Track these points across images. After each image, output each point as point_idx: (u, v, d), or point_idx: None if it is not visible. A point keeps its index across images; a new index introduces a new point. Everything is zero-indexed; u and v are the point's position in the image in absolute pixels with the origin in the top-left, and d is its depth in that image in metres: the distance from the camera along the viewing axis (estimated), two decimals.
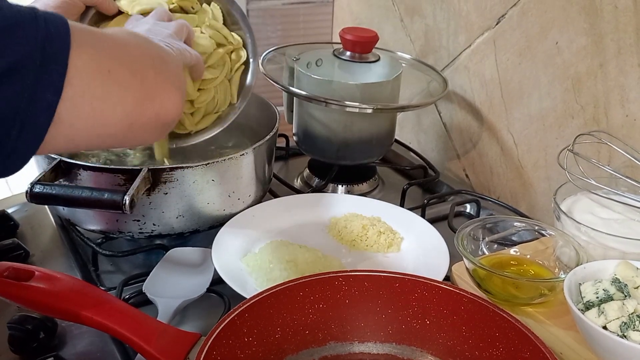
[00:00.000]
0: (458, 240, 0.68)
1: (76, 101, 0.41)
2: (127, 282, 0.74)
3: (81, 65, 0.40)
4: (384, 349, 0.60)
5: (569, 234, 0.70)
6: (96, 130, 0.44)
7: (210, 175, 0.77)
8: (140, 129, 0.47)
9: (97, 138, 0.45)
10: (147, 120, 0.47)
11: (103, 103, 0.43)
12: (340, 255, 0.79)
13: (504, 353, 0.54)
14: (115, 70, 0.43)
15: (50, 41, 0.39)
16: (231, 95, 0.84)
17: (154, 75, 0.48)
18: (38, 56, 0.38)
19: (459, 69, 1.05)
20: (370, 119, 0.96)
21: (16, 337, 0.64)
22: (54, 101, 0.39)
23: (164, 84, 0.49)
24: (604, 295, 0.58)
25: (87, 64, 0.41)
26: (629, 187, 0.73)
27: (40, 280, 0.60)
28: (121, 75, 0.44)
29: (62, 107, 0.40)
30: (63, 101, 0.40)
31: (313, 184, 1.02)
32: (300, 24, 1.36)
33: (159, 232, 0.78)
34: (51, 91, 0.39)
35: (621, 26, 0.78)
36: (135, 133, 0.47)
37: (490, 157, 1.03)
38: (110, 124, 0.44)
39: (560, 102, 0.88)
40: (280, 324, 0.57)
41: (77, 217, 0.80)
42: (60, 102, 0.39)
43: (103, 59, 0.43)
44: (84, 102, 0.41)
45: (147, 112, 0.47)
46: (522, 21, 0.91)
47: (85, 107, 0.41)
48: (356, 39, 0.96)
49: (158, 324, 0.58)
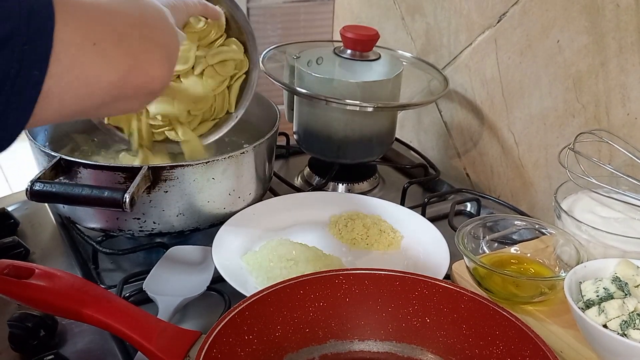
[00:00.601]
0: (458, 238, 0.68)
1: (63, 76, 0.40)
2: (127, 280, 0.74)
3: (67, 40, 0.40)
4: (384, 347, 0.60)
5: (569, 233, 0.70)
6: (83, 102, 0.44)
7: (211, 173, 0.76)
8: (126, 98, 0.47)
9: (83, 109, 0.45)
10: (133, 89, 0.47)
11: (89, 75, 0.42)
12: (341, 254, 0.78)
13: (504, 351, 0.54)
14: (100, 42, 0.43)
15: (35, 16, 0.38)
16: (229, 103, 0.84)
17: (140, 44, 0.47)
18: (23, 32, 0.37)
19: (459, 68, 1.05)
20: (370, 117, 0.96)
21: (16, 335, 0.64)
22: (41, 77, 0.39)
23: (151, 52, 0.48)
24: (604, 293, 0.58)
25: (72, 38, 0.40)
26: (629, 186, 0.73)
27: (41, 278, 0.60)
28: (106, 47, 0.43)
29: (49, 83, 0.39)
30: (50, 76, 0.39)
31: (313, 183, 1.02)
32: (301, 22, 1.36)
33: (159, 230, 0.78)
34: (38, 67, 0.39)
35: (622, 25, 0.78)
36: (121, 102, 0.47)
37: (491, 156, 1.03)
38: (97, 95, 0.44)
39: (561, 101, 0.88)
40: (281, 322, 0.57)
41: (78, 215, 0.80)
42: (47, 77, 0.39)
43: (88, 31, 0.42)
44: (71, 76, 0.41)
45: (133, 81, 0.46)
46: (523, 20, 0.91)
47: (72, 81, 0.41)
48: (357, 37, 0.96)
49: (158, 322, 0.58)
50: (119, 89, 0.45)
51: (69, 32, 0.40)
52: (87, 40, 0.42)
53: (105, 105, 0.46)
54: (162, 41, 0.50)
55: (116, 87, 0.45)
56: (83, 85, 0.42)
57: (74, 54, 0.41)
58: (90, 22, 0.43)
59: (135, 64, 0.46)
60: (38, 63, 0.39)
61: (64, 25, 0.40)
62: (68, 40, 0.40)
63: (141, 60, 0.47)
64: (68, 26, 0.40)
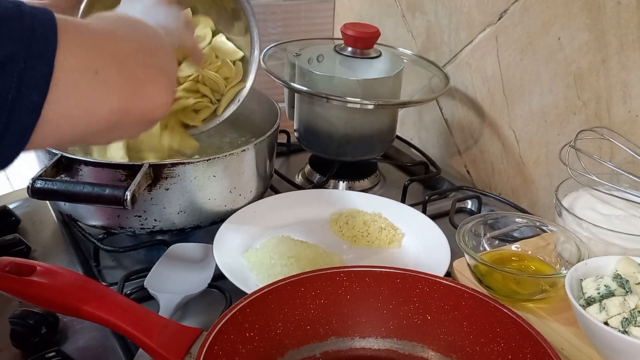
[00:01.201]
0: (459, 236, 0.68)
1: (62, 102, 0.40)
2: (128, 278, 0.74)
3: (68, 66, 0.39)
4: (385, 345, 0.60)
5: (570, 230, 0.70)
6: (82, 129, 0.43)
7: (212, 171, 0.77)
8: (126, 126, 0.47)
9: (82, 136, 0.44)
10: (134, 117, 0.46)
11: (90, 103, 0.42)
12: (342, 251, 0.79)
13: (505, 349, 0.54)
14: (103, 70, 0.42)
15: (36, 40, 0.37)
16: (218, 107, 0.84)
17: (143, 72, 0.47)
18: (22, 55, 0.37)
19: (460, 65, 1.05)
20: (371, 115, 0.96)
21: (18, 332, 0.64)
22: (40, 102, 0.38)
23: (153, 80, 0.48)
24: (605, 291, 0.58)
25: (74, 64, 0.40)
26: (630, 183, 0.73)
27: (42, 275, 0.60)
28: (108, 74, 0.43)
29: (47, 108, 0.39)
30: (49, 102, 0.39)
31: (314, 180, 1.02)
32: (302, 19, 1.36)
33: (160, 228, 0.78)
34: (36, 92, 0.38)
35: (623, 22, 0.78)
36: (121, 130, 0.47)
37: (492, 154, 1.03)
38: (97, 122, 0.43)
39: (562, 99, 0.88)
40: (282, 319, 0.57)
41: (79, 212, 0.80)
42: (45, 103, 0.38)
43: (90, 58, 0.42)
44: (70, 102, 0.40)
45: (134, 110, 0.46)
46: (524, 17, 0.91)
47: (71, 108, 0.41)
48: (357, 34, 0.96)
49: (160, 319, 0.58)
50: (120, 116, 0.44)
51: (70, 58, 0.39)
52: (89, 67, 0.41)
53: (105, 133, 0.45)
54: (163, 68, 0.50)
55: (117, 115, 0.44)
56: (83, 113, 0.41)
57: (75, 80, 0.40)
58: (92, 48, 0.42)
59: (138, 92, 0.46)
60: (37, 88, 0.38)
61: (65, 50, 0.39)
62: (69, 66, 0.39)
63: (143, 89, 0.46)
64: (71, 52, 0.39)
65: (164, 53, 0.52)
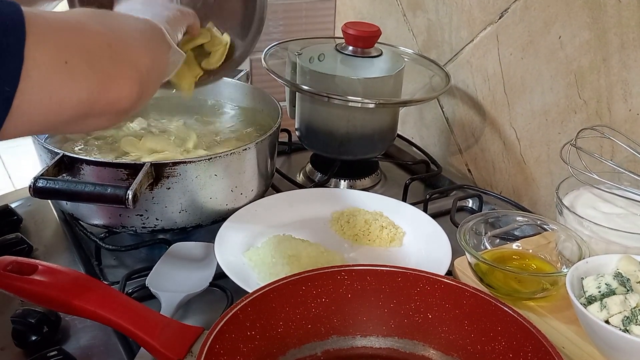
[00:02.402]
0: (460, 234, 0.68)
1: (33, 93, 0.41)
2: (130, 277, 0.74)
3: (38, 57, 0.40)
4: (386, 343, 0.60)
5: (571, 229, 0.70)
6: (52, 119, 0.44)
7: (213, 170, 0.77)
8: (95, 116, 0.47)
9: (52, 125, 0.46)
10: (101, 108, 0.47)
11: (59, 94, 0.43)
12: (343, 250, 0.79)
13: (506, 347, 0.55)
14: (72, 61, 0.43)
15: (5, 33, 0.38)
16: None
17: (111, 64, 0.48)
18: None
19: (461, 64, 1.05)
20: (372, 113, 0.96)
21: (20, 331, 0.64)
22: (11, 93, 0.39)
23: (121, 73, 0.48)
24: (606, 289, 0.58)
25: (43, 56, 0.41)
26: (631, 182, 0.73)
27: (44, 274, 0.60)
28: (77, 66, 0.44)
29: (19, 99, 0.40)
30: (20, 93, 0.40)
31: (315, 179, 1.02)
32: (303, 18, 1.36)
33: (162, 227, 0.78)
34: (8, 84, 0.39)
35: (624, 20, 0.77)
36: (90, 119, 0.48)
37: (493, 152, 1.03)
38: (66, 112, 0.44)
39: (563, 97, 0.88)
40: (283, 318, 0.57)
41: (80, 211, 0.80)
42: (17, 93, 0.40)
43: (60, 50, 0.43)
44: (41, 93, 0.41)
45: (102, 101, 0.46)
46: (525, 15, 0.91)
47: (42, 98, 0.42)
48: (358, 33, 0.96)
49: (161, 317, 0.59)
50: (88, 107, 0.45)
51: (40, 50, 0.41)
52: (58, 59, 0.42)
53: (75, 122, 0.47)
54: (134, 61, 0.51)
55: (85, 106, 0.45)
56: (53, 103, 0.43)
57: (45, 72, 0.41)
58: (61, 40, 0.43)
59: (105, 83, 0.47)
60: (8, 80, 0.39)
61: (36, 43, 0.40)
62: (39, 58, 0.41)
63: (111, 80, 0.47)
64: (40, 44, 0.41)
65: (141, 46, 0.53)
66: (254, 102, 0.98)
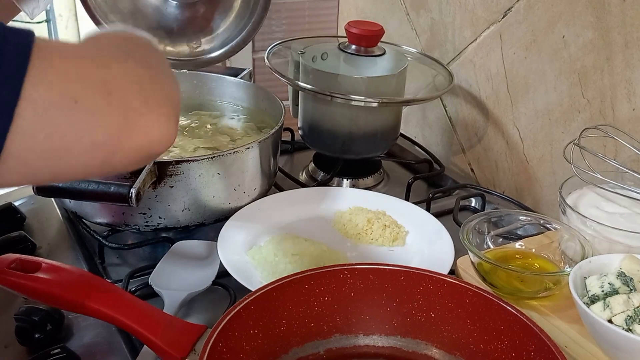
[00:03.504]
0: (463, 234, 0.68)
1: (27, 135, 0.35)
2: (133, 275, 0.75)
3: (37, 95, 0.35)
4: (389, 342, 0.60)
5: (574, 228, 0.70)
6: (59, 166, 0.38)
7: (216, 168, 0.77)
8: (117, 162, 0.40)
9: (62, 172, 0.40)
10: (126, 153, 0.40)
11: (65, 136, 0.37)
12: (345, 249, 0.79)
13: (509, 346, 0.55)
14: (84, 98, 0.37)
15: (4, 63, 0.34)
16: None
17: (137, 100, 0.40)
18: None
19: (464, 63, 1.05)
20: (375, 113, 0.96)
21: (23, 329, 0.64)
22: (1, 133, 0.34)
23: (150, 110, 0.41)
24: (609, 289, 0.58)
25: (45, 95, 0.35)
26: (635, 181, 0.73)
27: (47, 272, 0.60)
28: (91, 103, 0.38)
29: (10, 140, 0.34)
30: (11, 134, 0.34)
31: (318, 178, 1.02)
32: (306, 17, 1.36)
33: (165, 225, 0.78)
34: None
35: (628, 20, 0.77)
36: (111, 165, 0.41)
37: (496, 152, 1.03)
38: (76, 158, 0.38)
39: (566, 96, 0.88)
40: (286, 317, 0.57)
41: (84, 209, 0.80)
42: (8, 134, 0.34)
43: (70, 86, 0.37)
44: (39, 135, 0.36)
45: (126, 143, 0.40)
46: (529, 15, 0.91)
47: (40, 141, 0.36)
48: (362, 32, 0.96)
49: (164, 315, 0.59)
50: (107, 152, 0.39)
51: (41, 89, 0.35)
52: (67, 97, 0.37)
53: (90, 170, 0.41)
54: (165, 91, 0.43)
55: (103, 149, 0.39)
56: (57, 146, 0.37)
57: (45, 112, 0.36)
58: (75, 74, 0.38)
59: (129, 123, 0.39)
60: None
61: (38, 78, 0.35)
62: (38, 95, 0.35)
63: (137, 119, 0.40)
64: (43, 81, 0.36)
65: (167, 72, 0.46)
66: (257, 101, 0.98)
